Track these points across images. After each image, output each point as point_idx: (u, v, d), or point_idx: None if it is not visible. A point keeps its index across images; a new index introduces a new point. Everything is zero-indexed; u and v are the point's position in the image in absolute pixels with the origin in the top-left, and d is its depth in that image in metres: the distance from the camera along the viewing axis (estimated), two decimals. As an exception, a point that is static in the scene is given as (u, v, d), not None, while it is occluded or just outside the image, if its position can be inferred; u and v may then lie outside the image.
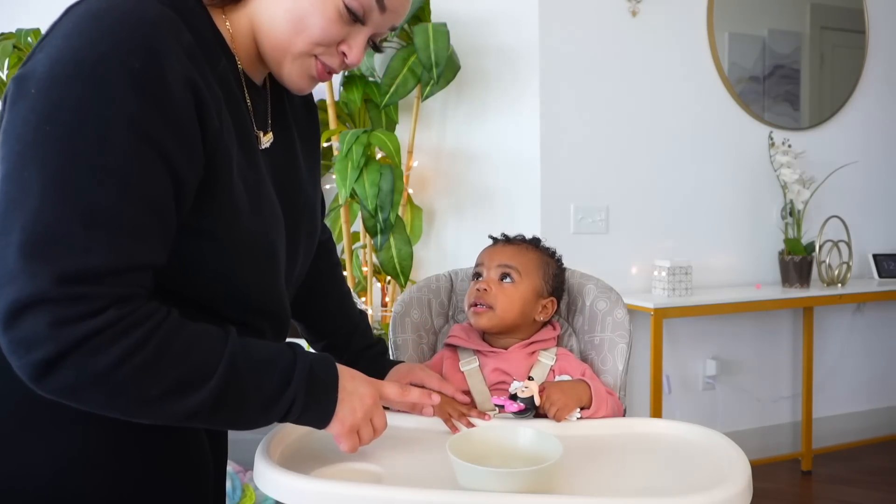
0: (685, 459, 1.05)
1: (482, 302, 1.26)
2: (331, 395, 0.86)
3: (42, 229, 0.66)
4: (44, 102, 0.68)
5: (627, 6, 2.71)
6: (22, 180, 0.67)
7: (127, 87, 0.69)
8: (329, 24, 0.82)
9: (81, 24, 0.71)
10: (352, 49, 0.86)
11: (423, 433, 1.14)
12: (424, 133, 2.78)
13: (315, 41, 0.83)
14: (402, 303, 1.40)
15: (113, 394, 0.70)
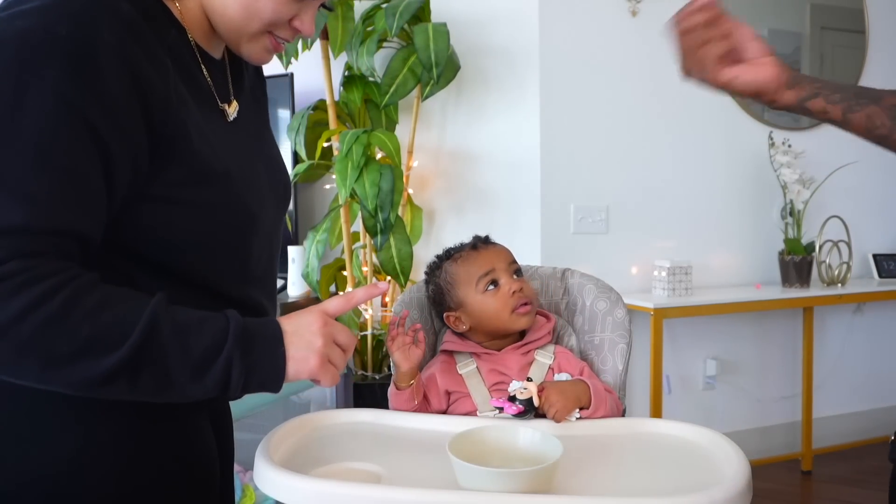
0: (685, 459, 1.05)
1: (526, 300, 1.26)
2: (275, 348, 0.80)
3: None
4: None
5: (627, 6, 2.71)
6: None
7: (52, 56, 0.69)
8: (279, 5, 0.85)
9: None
10: (304, 23, 0.89)
11: (422, 433, 1.14)
12: (424, 133, 2.78)
13: (268, 22, 0.86)
14: (402, 303, 1.40)
15: (20, 350, 0.68)
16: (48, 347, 0.68)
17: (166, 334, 0.72)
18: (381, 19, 2.44)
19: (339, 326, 0.86)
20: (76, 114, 0.70)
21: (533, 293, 1.28)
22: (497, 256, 1.29)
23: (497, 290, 1.26)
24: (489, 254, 1.30)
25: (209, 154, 0.82)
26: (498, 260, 1.28)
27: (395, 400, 1.23)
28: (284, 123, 2.79)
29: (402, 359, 1.20)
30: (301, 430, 1.13)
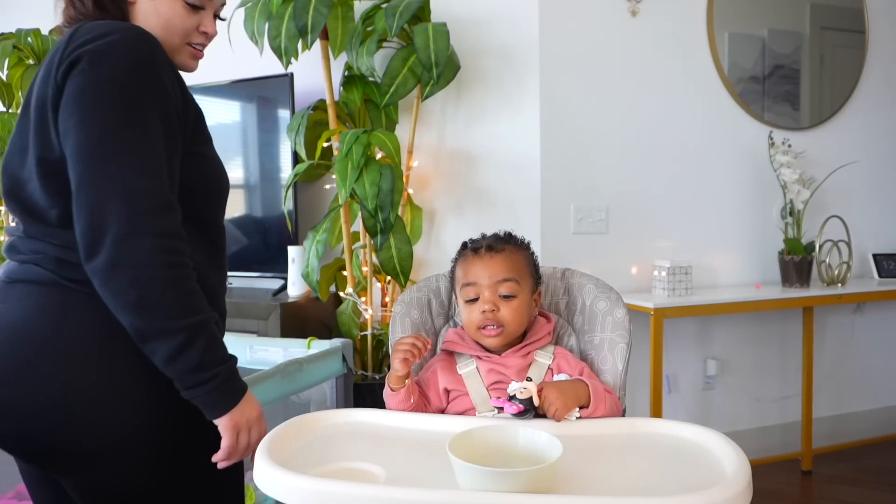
0: (685, 459, 1.05)
1: (493, 323, 1.24)
2: (234, 396, 1.07)
3: None
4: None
5: (627, 6, 2.71)
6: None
7: (139, 65, 1.05)
8: (184, 19, 1.16)
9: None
10: (207, 27, 1.19)
11: (423, 434, 1.14)
12: (424, 133, 2.78)
13: (182, 33, 1.16)
14: (402, 303, 1.40)
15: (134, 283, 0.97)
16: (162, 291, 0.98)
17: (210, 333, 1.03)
18: (381, 19, 2.44)
19: (263, 428, 1.11)
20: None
21: (513, 319, 1.24)
22: (486, 270, 1.26)
23: (473, 304, 1.26)
24: (482, 264, 1.28)
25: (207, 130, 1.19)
26: (485, 274, 1.26)
27: (391, 400, 1.23)
28: (284, 123, 2.79)
29: (403, 367, 1.20)
30: (301, 430, 1.13)
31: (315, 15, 2.38)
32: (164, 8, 1.14)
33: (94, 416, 1.02)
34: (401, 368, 1.20)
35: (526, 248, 1.34)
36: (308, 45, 2.44)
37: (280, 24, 2.46)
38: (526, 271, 1.29)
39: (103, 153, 0.98)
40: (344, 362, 2.02)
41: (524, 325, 1.28)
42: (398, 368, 1.20)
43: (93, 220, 0.96)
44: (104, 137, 0.98)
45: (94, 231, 0.96)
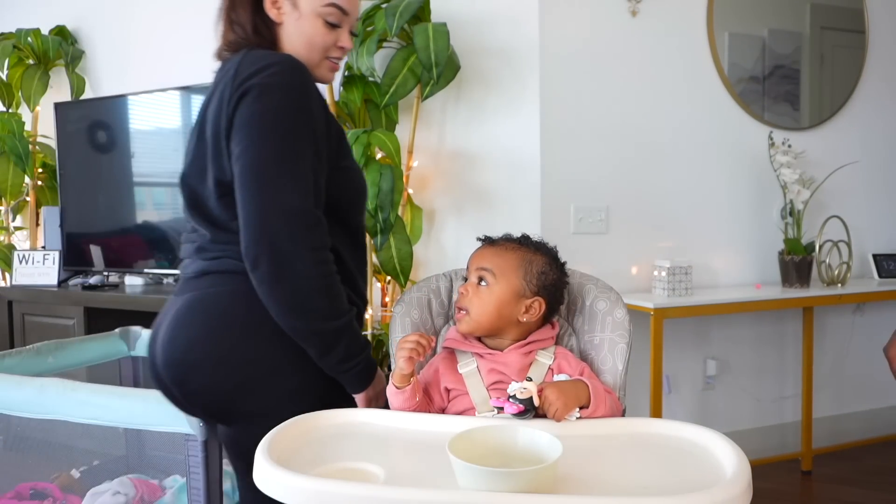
0: (685, 459, 1.05)
1: (461, 306, 1.28)
2: (369, 378, 1.28)
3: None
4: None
5: (627, 6, 2.71)
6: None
7: (293, 93, 1.22)
8: (324, 37, 1.30)
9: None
10: (344, 42, 1.33)
11: (423, 434, 1.14)
12: (424, 133, 2.77)
13: (322, 49, 1.31)
14: (402, 303, 1.40)
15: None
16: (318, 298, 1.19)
17: (354, 328, 1.25)
18: (381, 19, 2.44)
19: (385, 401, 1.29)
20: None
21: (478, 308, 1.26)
22: (475, 259, 1.32)
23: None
24: (476, 254, 1.33)
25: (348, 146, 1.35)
26: (473, 263, 1.31)
27: (396, 399, 1.23)
28: (284, 123, 2.78)
29: (408, 366, 1.20)
30: (301, 430, 1.13)
31: (315, 15, 2.38)
32: (307, 27, 1.29)
33: (264, 380, 1.23)
34: (406, 367, 1.20)
35: (532, 254, 1.31)
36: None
37: (280, 24, 2.46)
38: (512, 270, 1.27)
39: (264, 179, 1.15)
40: (344, 362, 2.02)
41: (490, 318, 1.26)
42: (403, 367, 1.20)
43: (256, 237, 1.15)
44: (265, 165, 1.16)
45: (257, 246, 1.15)
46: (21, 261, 3.33)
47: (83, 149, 3.40)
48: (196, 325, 1.24)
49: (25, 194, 3.62)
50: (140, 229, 3.27)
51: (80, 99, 3.57)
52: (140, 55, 3.50)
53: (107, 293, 3.06)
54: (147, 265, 3.25)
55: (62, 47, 3.53)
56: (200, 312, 1.25)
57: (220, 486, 1.54)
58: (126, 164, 3.29)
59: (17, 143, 3.40)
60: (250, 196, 1.15)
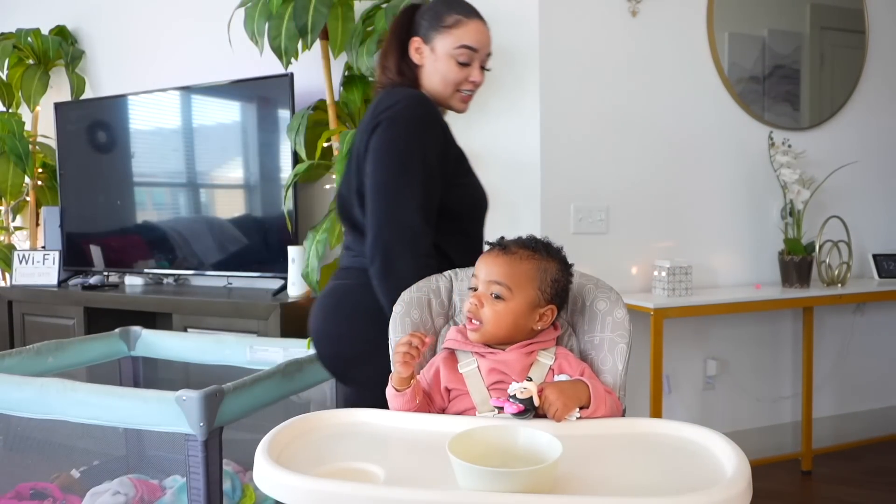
0: (685, 459, 1.05)
1: (473, 318, 1.26)
2: None
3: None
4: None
5: (627, 6, 2.71)
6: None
7: (418, 124, 1.48)
8: (456, 74, 1.54)
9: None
10: (474, 76, 1.57)
11: (423, 433, 1.14)
12: (424, 133, 2.77)
13: (454, 84, 1.55)
14: (402, 303, 1.40)
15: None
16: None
17: None
18: (381, 19, 2.44)
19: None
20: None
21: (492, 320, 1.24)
22: (486, 268, 1.28)
23: (471, 295, 1.29)
24: (486, 261, 1.30)
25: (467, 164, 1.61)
26: (485, 271, 1.28)
27: (396, 401, 1.23)
28: (284, 123, 2.79)
29: (406, 369, 1.20)
30: (301, 430, 1.13)
31: (315, 15, 2.39)
32: (442, 67, 1.53)
33: (373, 354, 1.40)
34: (404, 370, 1.20)
35: (546, 261, 1.30)
36: (308, 45, 2.44)
37: (280, 24, 2.46)
38: (528, 282, 1.26)
39: (383, 196, 1.42)
40: (344, 362, 2.02)
41: (506, 331, 1.25)
42: (401, 370, 1.20)
43: (373, 241, 1.42)
44: (386, 184, 1.43)
45: (373, 248, 1.42)
46: (21, 261, 3.33)
47: (83, 149, 3.40)
48: (329, 308, 1.55)
49: (25, 194, 3.62)
50: (140, 229, 3.27)
51: (80, 99, 3.57)
52: (140, 55, 3.50)
53: (107, 293, 3.06)
54: (147, 265, 3.25)
55: (62, 47, 3.53)
56: (333, 298, 1.56)
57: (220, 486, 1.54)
58: (126, 164, 3.29)
59: (17, 143, 3.40)
60: (373, 209, 1.43)
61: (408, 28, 1.57)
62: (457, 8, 1.57)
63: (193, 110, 3.13)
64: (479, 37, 1.56)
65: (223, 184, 3.10)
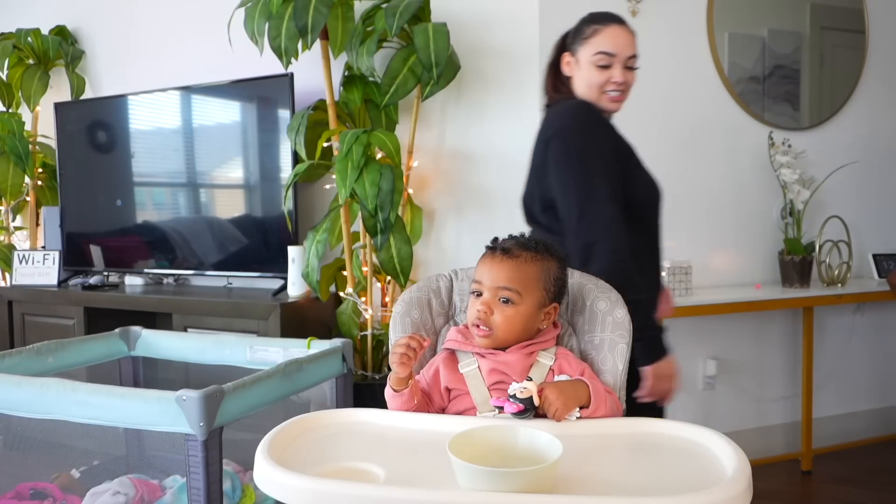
0: (685, 459, 1.05)
1: (483, 324, 1.25)
2: (657, 355, 1.52)
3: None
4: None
5: (627, 6, 2.71)
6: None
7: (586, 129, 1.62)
8: (598, 77, 1.65)
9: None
10: (616, 77, 1.65)
11: (422, 433, 1.14)
12: (424, 133, 2.78)
13: (598, 87, 1.65)
14: (402, 303, 1.40)
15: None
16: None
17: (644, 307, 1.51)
18: (381, 19, 2.44)
19: (674, 386, 1.56)
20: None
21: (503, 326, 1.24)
22: (492, 273, 1.26)
23: (475, 300, 1.27)
24: (490, 265, 1.27)
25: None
26: (490, 277, 1.26)
27: (394, 402, 1.23)
28: (284, 123, 2.79)
29: (403, 370, 1.20)
30: (301, 430, 1.13)
31: (315, 15, 2.39)
32: (585, 73, 1.67)
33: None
34: (401, 371, 1.20)
35: (548, 261, 1.30)
36: (308, 45, 2.44)
37: (280, 24, 2.46)
38: (535, 284, 1.26)
39: (577, 197, 1.54)
40: (344, 362, 2.02)
41: (517, 334, 1.26)
42: (398, 371, 1.20)
43: (575, 239, 1.53)
44: (573, 189, 1.55)
45: (572, 245, 1.51)
46: (21, 261, 3.33)
47: (83, 149, 3.40)
48: None
49: (25, 194, 3.62)
50: (140, 229, 3.27)
51: (80, 99, 3.57)
52: (140, 55, 3.50)
53: (107, 293, 3.06)
54: (147, 265, 3.25)
55: (62, 47, 3.53)
56: None
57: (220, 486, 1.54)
58: (126, 164, 3.29)
59: (17, 143, 3.40)
60: (567, 211, 1.56)
61: (561, 49, 1.77)
62: (595, 19, 1.73)
63: (193, 110, 3.13)
64: (616, 41, 1.67)
65: (223, 184, 3.10)
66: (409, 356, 1.18)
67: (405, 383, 1.21)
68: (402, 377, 1.20)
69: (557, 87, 1.75)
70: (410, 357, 1.18)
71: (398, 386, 1.22)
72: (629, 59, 1.67)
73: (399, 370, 1.19)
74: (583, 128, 1.61)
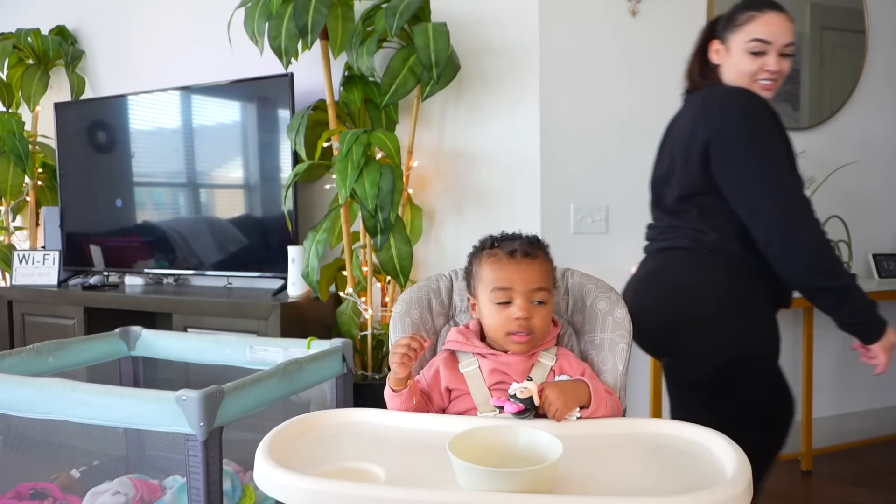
0: (685, 459, 1.05)
1: (525, 330, 1.24)
2: (879, 331, 1.54)
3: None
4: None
5: (627, 6, 2.71)
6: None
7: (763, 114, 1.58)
8: (750, 64, 1.62)
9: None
10: (770, 65, 1.62)
11: (423, 433, 1.14)
12: (424, 133, 2.78)
13: (750, 75, 1.63)
14: (402, 303, 1.40)
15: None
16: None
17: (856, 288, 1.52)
18: (381, 19, 2.44)
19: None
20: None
21: (542, 326, 1.25)
22: (524, 276, 1.25)
23: (506, 308, 1.24)
24: (519, 269, 1.25)
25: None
26: (521, 281, 1.24)
27: (393, 402, 1.23)
28: (284, 123, 2.79)
29: (402, 370, 1.20)
30: (301, 430, 1.13)
31: (315, 15, 2.39)
32: (736, 61, 1.64)
33: (700, 325, 1.56)
34: (400, 371, 1.20)
35: (546, 252, 1.33)
36: (308, 45, 2.44)
37: (280, 24, 2.46)
38: (552, 280, 1.30)
39: (763, 182, 1.50)
40: (344, 362, 2.02)
41: (547, 332, 1.28)
42: (398, 371, 1.20)
43: (767, 224, 1.49)
44: (759, 172, 1.51)
45: (767, 230, 1.49)
46: (21, 261, 3.33)
47: (83, 149, 3.40)
48: (653, 284, 1.69)
49: (25, 194, 3.62)
50: (140, 229, 3.27)
51: (80, 99, 3.57)
52: (140, 55, 3.50)
53: (107, 293, 3.06)
54: (147, 265, 3.25)
55: (62, 47, 3.53)
56: (657, 276, 1.69)
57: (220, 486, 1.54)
58: (126, 164, 3.29)
59: (17, 143, 3.40)
60: (758, 195, 1.50)
61: (709, 36, 1.74)
62: (750, 6, 1.67)
63: (193, 110, 3.13)
64: (771, 28, 1.61)
65: (223, 184, 3.10)
66: (410, 356, 1.18)
67: (404, 383, 1.21)
68: (401, 377, 1.21)
69: (705, 73, 1.72)
70: (411, 357, 1.18)
71: (397, 386, 1.22)
72: (786, 47, 1.62)
73: (399, 370, 1.19)
74: (756, 108, 1.55)
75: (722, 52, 1.68)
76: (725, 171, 1.54)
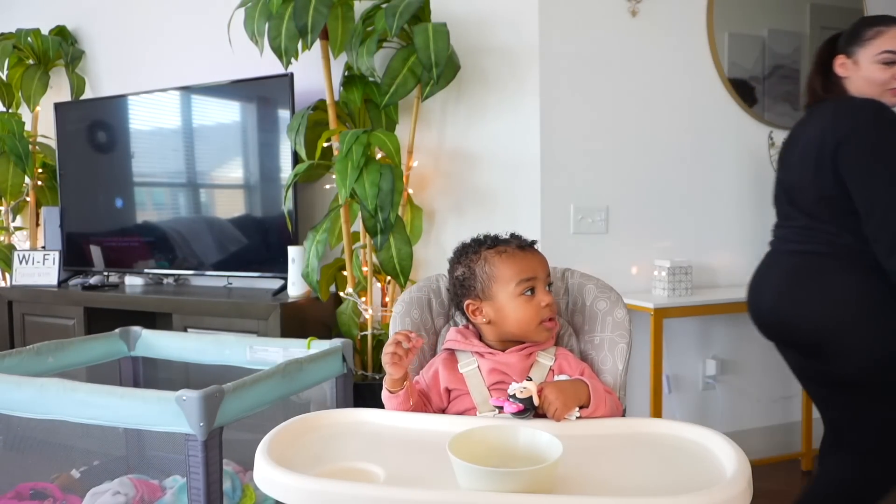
0: (685, 459, 1.05)
1: (553, 317, 1.28)
2: None
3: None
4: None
5: (627, 6, 2.71)
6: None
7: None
8: (881, 73, 1.75)
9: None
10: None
11: (422, 433, 1.14)
12: (424, 133, 2.78)
13: (881, 85, 1.75)
14: (402, 302, 1.40)
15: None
16: None
17: None
18: (381, 19, 2.44)
19: None
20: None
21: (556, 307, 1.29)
22: (540, 265, 1.28)
23: (532, 298, 1.25)
24: (534, 260, 1.28)
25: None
26: (540, 269, 1.28)
27: (390, 403, 1.23)
28: (284, 123, 2.79)
29: (396, 370, 1.19)
30: (301, 430, 1.13)
31: (315, 15, 2.39)
32: (867, 73, 1.76)
33: (846, 325, 1.68)
34: (395, 372, 1.19)
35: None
36: (308, 45, 2.44)
37: (280, 24, 2.46)
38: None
39: (883, 189, 1.62)
40: (344, 362, 2.02)
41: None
42: (392, 372, 1.19)
43: (879, 224, 1.62)
44: (883, 181, 1.62)
45: (879, 231, 1.62)
46: (21, 261, 3.33)
47: (83, 149, 3.40)
48: (798, 290, 1.78)
49: (25, 194, 3.62)
50: (140, 229, 3.27)
51: (80, 99, 3.57)
52: (140, 55, 3.50)
53: (107, 293, 3.06)
54: (147, 265, 3.25)
55: (62, 47, 3.53)
56: (801, 283, 1.78)
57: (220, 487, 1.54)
58: (126, 164, 3.29)
59: (17, 143, 3.40)
60: (877, 201, 1.63)
61: (830, 53, 1.85)
62: (876, 22, 1.81)
63: (193, 110, 3.13)
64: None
65: (223, 184, 3.10)
66: (400, 355, 1.18)
67: (400, 384, 1.21)
68: (396, 378, 1.20)
69: (828, 87, 1.84)
70: (401, 356, 1.18)
71: (393, 387, 1.21)
72: None
73: (392, 371, 1.19)
74: (879, 122, 1.66)
75: (849, 65, 1.80)
76: (851, 169, 1.66)
